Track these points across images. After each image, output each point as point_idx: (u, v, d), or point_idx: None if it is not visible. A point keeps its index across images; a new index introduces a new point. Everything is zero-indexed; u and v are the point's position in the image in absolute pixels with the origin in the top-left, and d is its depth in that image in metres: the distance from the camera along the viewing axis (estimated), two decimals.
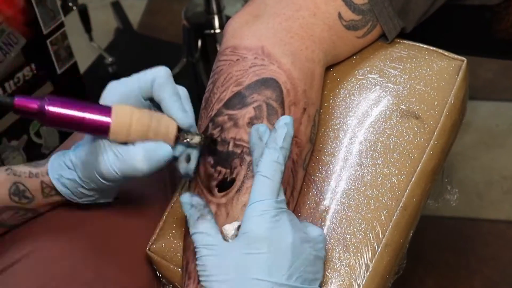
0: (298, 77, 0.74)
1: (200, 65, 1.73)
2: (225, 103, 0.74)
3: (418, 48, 0.84)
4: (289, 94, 0.73)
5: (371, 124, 0.79)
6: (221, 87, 0.75)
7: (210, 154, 0.73)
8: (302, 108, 0.74)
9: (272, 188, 0.66)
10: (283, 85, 0.73)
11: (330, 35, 0.78)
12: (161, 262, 0.80)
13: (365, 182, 0.77)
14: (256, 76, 0.73)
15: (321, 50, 0.78)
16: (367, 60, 0.83)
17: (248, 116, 0.72)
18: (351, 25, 0.80)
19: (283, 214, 0.66)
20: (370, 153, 0.78)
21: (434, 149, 0.78)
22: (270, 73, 0.74)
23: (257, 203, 0.65)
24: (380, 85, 0.81)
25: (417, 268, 1.49)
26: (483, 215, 1.59)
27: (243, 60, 0.75)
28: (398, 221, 0.75)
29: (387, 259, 0.74)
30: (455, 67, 0.82)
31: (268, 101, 0.72)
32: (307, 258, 0.65)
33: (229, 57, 0.76)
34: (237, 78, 0.74)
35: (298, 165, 0.74)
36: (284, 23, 0.76)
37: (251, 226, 0.64)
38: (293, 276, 0.64)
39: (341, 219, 0.75)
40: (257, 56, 0.75)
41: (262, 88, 0.73)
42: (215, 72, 0.77)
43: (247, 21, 0.78)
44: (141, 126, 0.68)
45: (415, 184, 0.77)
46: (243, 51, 0.75)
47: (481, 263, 1.50)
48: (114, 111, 0.67)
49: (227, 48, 0.77)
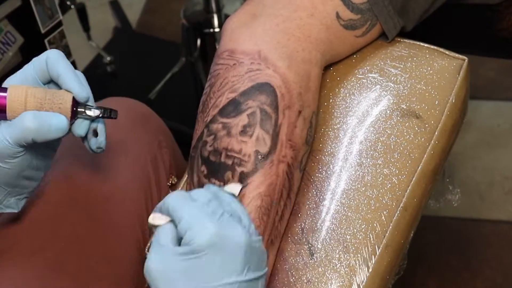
0: (293, 80, 0.75)
1: (199, 64, 1.73)
2: (220, 110, 0.74)
3: (419, 47, 0.84)
4: (283, 98, 0.74)
5: (371, 123, 0.80)
6: (217, 92, 0.75)
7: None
8: (297, 111, 0.74)
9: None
10: (278, 89, 0.73)
11: (327, 36, 0.79)
12: None
13: (365, 182, 0.77)
14: (251, 81, 0.74)
15: (318, 51, 0.78)
16: (367, 59, 0.83)
17: (241, 124, 0.73)
18: (349, 25, 0.80)
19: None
20: (370, 153, 0.78)
21: (435, 149, 0.78)
22: (265, 78, 0.74)
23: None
24: (381, 84, 0.81)
25: (418, 269, 1.49)
26: (485, 215, 1.59)
27: (240, 65, 0.75)
28: (398, 222, 0.75)
29: (388, 259, 0.74)
30: (456, 66, 0.82)
31: (262, 107, 0.73)
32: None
33: (226, 61, 0.76)
34: (232, 84, 0.74)
35: (293, 167, 0.74)
36: (282, 25, 0.77)
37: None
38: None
39: (341, 219, 0.76)
40: (253, 61, 0.75)
41: (257, 94, 0.73)
42: (212, 75, 0.77)
43: (245, 21, 0.78)
44: (36, 99, 0.69)
45: (416, 184, 0.77)
46: (240, 55, 0.76)
47: (483, 264, 1.50)
48: (9, 90, 0.69)
49: (225, 51, 0.77)
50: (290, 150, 0.73)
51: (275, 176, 0.72)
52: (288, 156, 0.73)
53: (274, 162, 0.72)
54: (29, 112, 0.68)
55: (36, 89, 0.70)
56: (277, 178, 0.72)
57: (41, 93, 0.69)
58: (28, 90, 0.69)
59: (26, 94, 0.69)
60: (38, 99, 0.69)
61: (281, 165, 0.73)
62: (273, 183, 0.72)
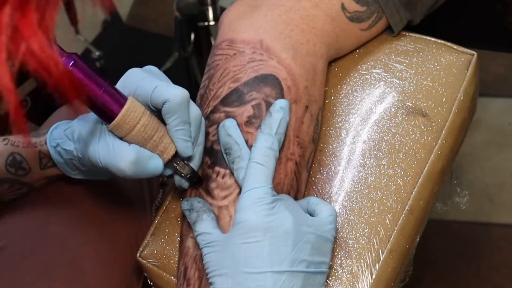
0: (299, 73, 0.74)
1: (193, 59, 1.73)
2: (221, 100, 0.74)
3: (425, 41, 0.84)
4: (289, 92, 0.73)
5: (375, 122, 0.80)
6: (217, 83, 0.75)
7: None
8: (304, 106, 0.74)
9: (266, 175, 0.68)
10: (283, 82, 0.73)
11: (333, 28, 0.79)
12: (153, 269, 0.80)
13: (368, 184, 0.77)
14: (255, 72, 0.74)
15: (324, 44, 0.78)
16: (371, 54, 0.84)
17: (246, 114, 0.72)
18: (355, 17, 0.80)
19: (279, 201, 0.67)
20: (374, 153, 0.78)
21: (442, 148, 0.79)
22: (269, 69, 0.74)
23: (251, 190, 0.67)
24: (385, 80, 0.82)
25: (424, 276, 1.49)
26: (494, 219, 1.60)
27: (241, 55, 0.75)
28: (404, 226, 0.76)
29: (392, 266, 0.75)
30: (464, 61, 0.82)
31: (267, 99, 0.73)
32: (309, 241, 0.67)
33: (225, 51, 0.76)
34: (234, 74, 0.74)
35: (301, 167, 0.74)
36: (284, 15, 0.77)
37: (246, 214, 0.66)
38: (296, 261, 0.65)
39: (343, 223, 0.76)
40: (255, 50, 0.75)
41: (261, 85, 0.73)
42: (211, 67, 0.77)
43: (245, 12, 0.78)
44: (144, 133, 0.69)
45: (422, 186, 0.77)
46: (240, 45, 0.76)
47: (493, 270, 1.50)
48: (127, 105, 0.68)
49: (223, 41, 0.77)
50: (297, 148, 0.73)
51: (283, 175, 0.72)
52: (296, 154, 0.73)
53: (282, 159, 0.72)
54: (131, 154, 0.68)
55: (149, 120, 0.69)
56: (285, 177, 0.72)
57: (151, 130, 0.69)
58: (142, 117, 0.69)
59: (138, 121, 0.68)
60: (145, 134, 0.69)
61: (289, 163, 0.73)
62: (280, 182, 0.72)
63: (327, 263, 0.69)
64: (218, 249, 0.67)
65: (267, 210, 0.66)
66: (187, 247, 0.73)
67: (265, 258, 0.65)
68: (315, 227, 0.68)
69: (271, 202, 0.66)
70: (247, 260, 0.65)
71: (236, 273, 0.65)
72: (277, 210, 0.66)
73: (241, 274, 0.65)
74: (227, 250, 0.66)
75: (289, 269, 0.65)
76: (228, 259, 0.66)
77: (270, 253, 0.65)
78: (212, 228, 0.69)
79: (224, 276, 0.66)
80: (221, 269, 0.66)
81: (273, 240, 0.65)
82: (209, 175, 0.73)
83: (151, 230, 0.82)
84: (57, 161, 0.78)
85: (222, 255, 0.67)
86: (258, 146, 0.69)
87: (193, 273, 0.70)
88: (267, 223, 0.65)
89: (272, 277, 0.64)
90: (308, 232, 0.67)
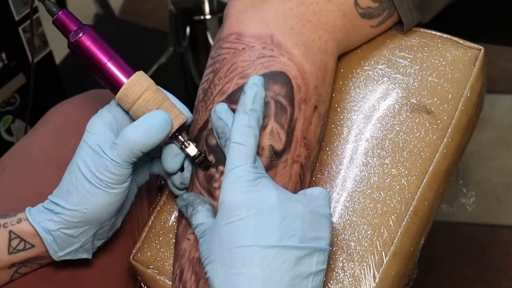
0: (310, 71, 0.74)
1: (189, 54, 1.73)
2: (228, 96, 0.74)
3: (430, 35, 0.84)
4: (299, 91, 0.73)
5: (378, 119, 0.80)
6: (224, 78, 0.75)
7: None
8: (313, 106, 0.74)
9: (246, 154, 0.68)
10: (294, 80, 0.73)
11: (344, 23, 0.78)
12: (147, 273, 0.80)
13: (371, 183, 0.77)
14: (264, 69, 0.73)
15: (335, 40, 0.78)
16: (374, 49, 0.84)
17: None
18: (366, 13, 0.80)
19: (264, 178, 0.67)
20: (377, 151, 0.78)
21: (448, 147, 0.79)
22: (280, 66, 0.74)
23: (231, 170, 0.67)
24: (388, 76, 0.82)
25: (429, 279, 1.50)
26: (502, 220, 1.60)
27: (250, 50, 0.75)
28: (408, 227, 0.76)
29: (396, 269, 0.75)
30: (471, 56, 0.82)
31: (276, 98, 0.73)
32: (299, 215, 0.66)
33: (233, 45, 0.76)
34: (242, 69, 0.74)
35: (306, 168, 0.74)
36: (296, 9, 0.76)
37: (227, 195, 0.67)
38: (285, 236, 0.65)
39: (345, 224, 0.76)
40: (265, 46, 0.74)
41: (271, 83, 0.73)
42: (216, 60, 0.76)
43: (253, 3, 0.77)
44: (145, 108, 0.70)
45: (427, 186, 0.77)
46: (249, 39, 0.75)
47: (500, 274, 1.51)
48: (132, 77, 0.71)
49: (231, 34, 0.76)
50: (304, 149, 0.73)
51: (288, 178, 0.72)
52: (302, 155, 0.73)
53: (288, 162, 0.72)
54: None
55: (156, 94, 0.70)
56: (289, 181, 0.72)
57: (154, 104, 0.70)
58: (147, 90, 0.70)
59: (145, 90, 0.70)
60: (147, 109, 0.70)
61: (294, 165, 0.73)
62: (284, 185, 0.72)
63: (327, 239, 0.67)
64: (208, 237, 0.68)
65: (249, 187, 0.66)
66: (183, 249, 0.73)
67: (250, 235, 0.64)
68: (306, 202, 0.67)
69: (253, 180, 0.66)
70: (231, 239, 0.65)
71: (223, 254, 0.65)
72: (261, 186, 0.66)
73: (227, 252, 0.65)
74: (214, 234, 0.67)
75: (278, 243, 0.64)
76: (216, 243, 0.66)
77: (255, 228, 0.64)
78: (206, 218, 0.69)
79: (213, 262, 0.66)
80: (211, 256, 0.66)
81: (257, 216, 0.65)
82: (212, 174, 0.73)
83: (145, 232, 0.82)
84: (45, 238, 0.71)
85: (211, 241, 0.67)
86: (235, 126, 0.69)
87: (190, 276, 0.70)
88: (248, 199, 0.65)
89: (259, 252, 0.64)
90: (297, 206, 0.66)
